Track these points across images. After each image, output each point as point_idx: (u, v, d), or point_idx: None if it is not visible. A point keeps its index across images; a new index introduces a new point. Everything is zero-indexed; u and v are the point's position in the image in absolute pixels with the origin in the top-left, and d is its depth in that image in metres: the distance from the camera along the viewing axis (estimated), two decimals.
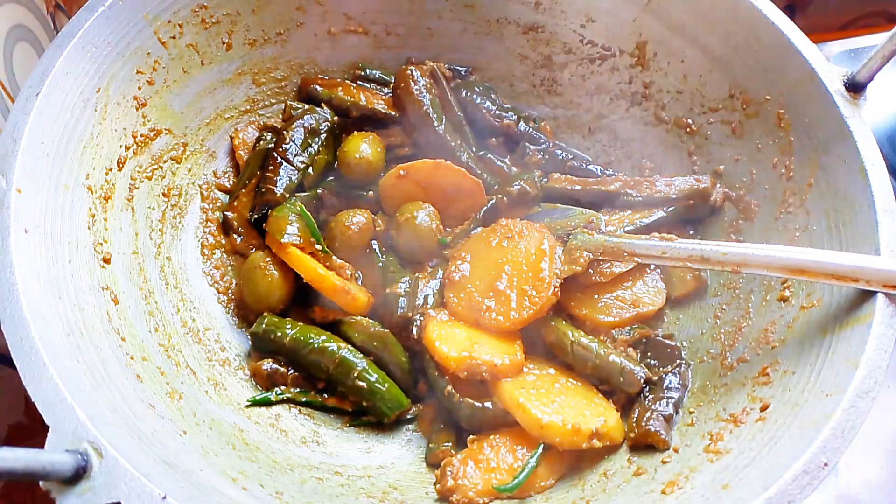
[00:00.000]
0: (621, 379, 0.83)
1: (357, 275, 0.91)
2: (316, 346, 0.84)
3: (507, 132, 1.05)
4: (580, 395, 0.83)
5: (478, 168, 0.99)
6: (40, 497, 0.53)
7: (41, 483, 0.52)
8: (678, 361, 0.86)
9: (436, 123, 0.98)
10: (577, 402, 0.82)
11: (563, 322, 0.87)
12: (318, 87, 1.03)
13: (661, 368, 0.85)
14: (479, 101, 1.04)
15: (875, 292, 0.69)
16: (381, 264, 0.91)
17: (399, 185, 0.94)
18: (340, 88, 1.03)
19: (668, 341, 0.88)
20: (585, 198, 0.98)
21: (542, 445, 0.79)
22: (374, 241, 0.93)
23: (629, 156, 1.06)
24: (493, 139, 1.05)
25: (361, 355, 0.85)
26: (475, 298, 0.87)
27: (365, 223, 0.93)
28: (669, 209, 0.96)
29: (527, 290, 0.85)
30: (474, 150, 1.02)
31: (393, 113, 1.02)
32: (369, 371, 0.84)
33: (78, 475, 0.53)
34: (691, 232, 0.97)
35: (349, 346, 0.85)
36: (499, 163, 1.02)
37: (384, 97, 1.04)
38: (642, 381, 0.83)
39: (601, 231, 0.91)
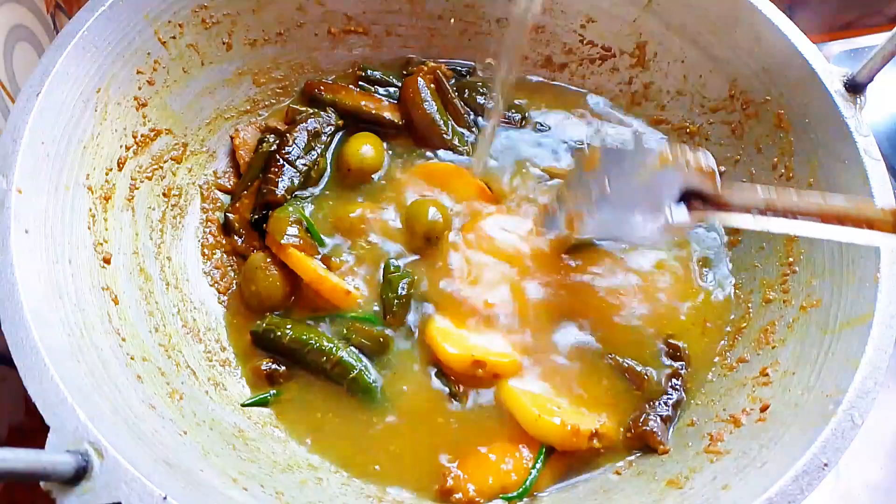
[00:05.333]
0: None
1: (357, 274, 0.91)
2: (315, 346, 0.84)
3: None
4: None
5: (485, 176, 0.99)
6: (41, 497, 0.53)
7: (42, 483, 0.51)
8: (679, 362, 0.86)
9: (443, 130, 0.99)
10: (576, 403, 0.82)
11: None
12: (321, 90, 1.02)
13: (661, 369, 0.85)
14: (481, 101, 1.03)
15: (875, 292, 0.69)
16: (381, 263, 0.91)
17: (415, 182, 0.95)
18: (344, 93, 1.03)
19: (669, 341, 0.88)
20: None
21: (545, 450, 0.79)
22: (373, 237, 0.93)
23: None
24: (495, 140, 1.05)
25: (361, 355, 0.85)
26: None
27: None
28: None
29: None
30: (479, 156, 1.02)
31: (398, 121, 1.02)
32: (369, 371, 0.84)
33: (79, 476, 0.53)
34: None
35: (349, 346, 0.85)
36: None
37: (388, 105, 1.03)
38: (644, 381, 0.83)
39: None
